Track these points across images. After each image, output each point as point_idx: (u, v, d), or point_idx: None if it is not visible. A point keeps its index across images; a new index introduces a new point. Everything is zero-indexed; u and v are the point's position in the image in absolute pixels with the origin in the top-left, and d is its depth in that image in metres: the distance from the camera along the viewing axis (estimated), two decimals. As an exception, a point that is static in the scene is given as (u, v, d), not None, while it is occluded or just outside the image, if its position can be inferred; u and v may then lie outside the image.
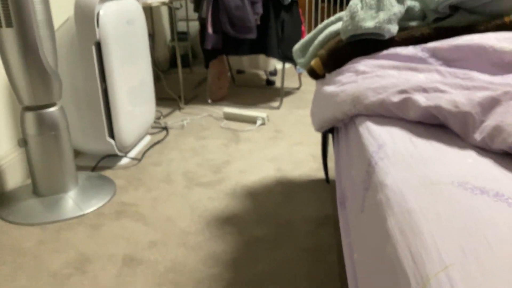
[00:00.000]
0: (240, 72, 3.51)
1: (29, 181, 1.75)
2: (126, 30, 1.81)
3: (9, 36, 1.33)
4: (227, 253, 1.30)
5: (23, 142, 1.50)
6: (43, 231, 1.42)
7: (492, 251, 0.45)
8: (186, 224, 1.44)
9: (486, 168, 0.62)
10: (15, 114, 1.73)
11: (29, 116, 1.46)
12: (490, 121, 0.70)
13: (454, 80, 0.86)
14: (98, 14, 1.64)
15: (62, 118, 1.52)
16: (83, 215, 1.50)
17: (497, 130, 0.67)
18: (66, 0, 2.05)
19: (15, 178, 1.70)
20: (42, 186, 1.54)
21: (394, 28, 1.13)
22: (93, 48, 1.66)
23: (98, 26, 1.64)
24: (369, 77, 1.01)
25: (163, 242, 1.35)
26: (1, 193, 1.63)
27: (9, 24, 1.31)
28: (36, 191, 1.56)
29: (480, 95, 0.75)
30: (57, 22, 1.97)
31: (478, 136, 0.70)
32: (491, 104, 0.73)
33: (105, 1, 1.70)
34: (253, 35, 2.42)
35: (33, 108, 1.46)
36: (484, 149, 0.69)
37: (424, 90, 0.86)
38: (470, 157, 0.66)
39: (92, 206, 1.54)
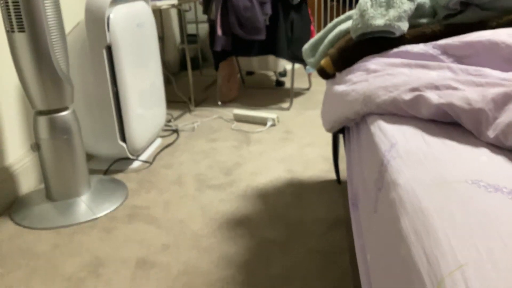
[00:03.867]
0: (249, 73, 3.51)
1: (42, 185, 1.77)
2: (136, 33, 1.82)
3: (21, 41, 1.34)
4: (239, 255, 1.29)
5: (36, 147, 1.51)
6: (57, 235, 1.43)
7: (507, 250, 0.44)
8: (198, 227, 1.44)
9: (500, 166, 0.61)
10: (28, 118, 1.75)
11: (42, 120, 1.47)
12: (504, 118, 0.69)
13: (466, 77, 0.85)
14: (108, 18, 1.66)
15: (74, 122, 1.53)
16: (96, 218, 1.51)
17: (510, 127, 0.66)
18: (77, 4, 2.07)
19: (28, 183, 1.72)
20: (55, 191, 1.56)
21: (404, 26, 1.12)
22: (104, 52, 1.67)
23: (108, 30, 1.66)
24: (380, 76, 1.00)
25: (176, 245, 1.35)
26: (15, 198, 1.65)
27: (21, 29, 1.33)
28: (49, 196, 1.58)
29: (493, 91, 0.74)
30: (68, 26, 1.99)
31: (491, 133, 0.69)
32: (504, 101, 0.72)
33: (115, 5, 1.72)
34: (262, 36, 2.42)
35: (46, 112, 1.48)
36: (497, 147, 0.68)
37: (436, 87, 0.85)
38: (483, 154, 0.65)
39: (105, 209, 1.55)
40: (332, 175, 1.76)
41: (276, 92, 3.00)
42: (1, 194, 1.57)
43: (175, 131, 2.34)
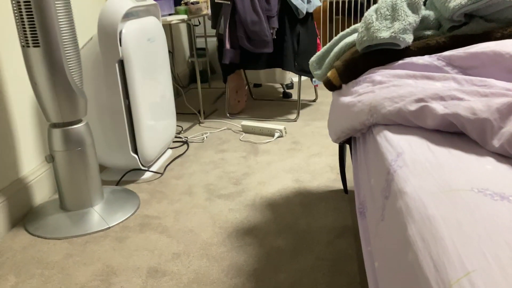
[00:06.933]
0: (257, 85, 3.54)
1: (56, 196, 1.80)
2: (147, 47, 1.86)
3: (36, 55, 1.38)
4: (248, 263, 1.31)
5: (50, 158, 1.54)
6: (70, 244, 1.45)
7: (512, 255, 0.45)
8: (208, 236, 1.46)
9: (505, 174, 0.62)
10: (43, 131, 1.79)
11: (56, 133, 1.51)
12: (509, 127, 0.70)
13: (471, 88, 0.87)
14: (120, 33, 1.70)
15: (87, 134, 1.56)
16: (109, 228, 1.53)
17: (515, 136, 0.67)
18: (90, 20, 2.12)
19: (43, 194, 1.75)
20: (69, 201, 1.59)
21: (409, 38, 1.14)
22: (116, 66, 1.71)
23: (121, 45, 1.70)
24: (385, 87, 1.03)
25: (186, 254, 1.37)
26: (30, 208, 1.68)
27: (36, 44, 1.37)
28: (63, 206, 1.60)
29: (498, 101, 0.76)
30: (81, 41, 2.04)
31: (496, 143, 0.70)
32: (509, 110, 0.74)
33: (127, 20, 1.76)
34: (269, 49, 2.45)
35: (60, 125, 1.51)
36: (502, 155, 0.70)
37: (441, 98, 0.86)
38: (489, 163, 0.67)
39: (117, 219, 1.57)
40: (339, 185, 1.78)
41: (283, 104, 3.03)
42: (16, 204, 1.60)
43: (185, 142, 2.37)
